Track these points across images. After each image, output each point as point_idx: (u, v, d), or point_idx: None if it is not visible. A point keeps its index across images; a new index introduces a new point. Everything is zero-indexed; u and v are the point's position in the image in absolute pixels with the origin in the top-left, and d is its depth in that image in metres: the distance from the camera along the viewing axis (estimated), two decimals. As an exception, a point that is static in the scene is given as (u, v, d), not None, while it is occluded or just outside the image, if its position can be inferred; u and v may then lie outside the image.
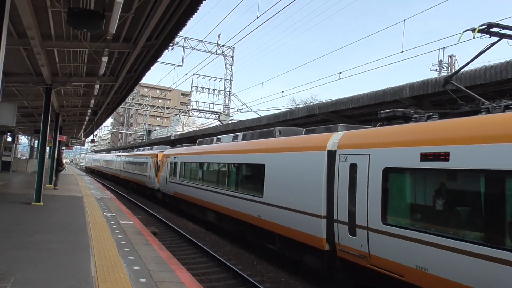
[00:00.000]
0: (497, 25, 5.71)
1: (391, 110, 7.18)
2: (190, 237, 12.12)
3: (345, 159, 7.19)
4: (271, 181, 9.53)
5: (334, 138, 7.82)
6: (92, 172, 59.33)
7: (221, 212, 12.52)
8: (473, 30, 5.78)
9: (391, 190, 6.32)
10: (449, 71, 25.92)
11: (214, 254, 10.05)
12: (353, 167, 6.95)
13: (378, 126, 7.33)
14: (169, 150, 21.39)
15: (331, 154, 7.61)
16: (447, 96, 9.56)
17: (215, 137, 15.28)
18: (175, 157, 18.51)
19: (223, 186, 12.63)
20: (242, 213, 10.85)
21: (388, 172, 6.25)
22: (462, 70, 8.17)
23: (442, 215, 5.59)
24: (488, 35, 5.82)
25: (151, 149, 26.75)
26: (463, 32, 6.10)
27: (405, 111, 7.08)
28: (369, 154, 6.63)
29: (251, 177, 11.18)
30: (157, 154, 22.78)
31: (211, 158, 14.27)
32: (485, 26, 5.72)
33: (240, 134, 13.09)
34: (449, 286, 5.08)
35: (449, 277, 5.10)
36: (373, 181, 6.45)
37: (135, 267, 6.08)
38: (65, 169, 24.52)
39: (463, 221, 5.38)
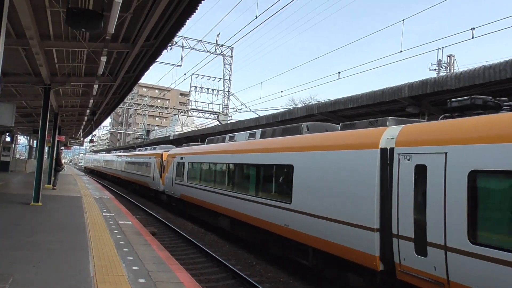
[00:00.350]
0: None
1: (468, 97, 5.94)
2: (189, 237, 12.11)
3: (408, 159, 5.92)
4: (302, 185, 8.28)
5: (389, 134, 6.51)
6: (92, 172, 58.28)
7: (236, 218, 11.32)
8: None
9: (482, 200, 4.99)
10: (447, 71, 25.96)
11: (213, 254, 10.04)
12: (421, 169, 5.68)
13: (444, 119, 6.19)
14: (175, 150, 20.34)
15: (385, 153, 6.35)
16: (446, 96, 9.58)
17: (227, 135, 14.21)
18: (182, 157, 17.55)
19: (240, 189, 11.36)
20: (264, 220, 9.58)
21: (476, 176, 4.95)
22: (461, 70, 8.15)
23: None
24: None
25: (154, 148, 25.83)
26: None
27: (486, 98, 5.86)
28: (446, 153, 5.33)
29: (275, 179, 9.94)
30: (161, 154, 21.80)
31: (224, 158, 13.01)
32: None
33: (258, 132, 11.92)
34: None
35: None
36: (453, 187, 5.16)
37: (134, 268, 6.07)
38: (64, 169, 24.50)
39: None
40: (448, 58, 26.98)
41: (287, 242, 8.80)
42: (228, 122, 30.47)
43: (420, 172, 5.64)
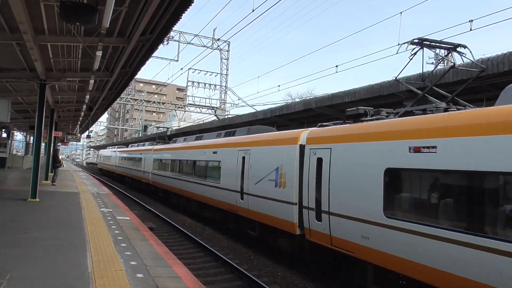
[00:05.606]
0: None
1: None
2: (187, 232, 12.12)
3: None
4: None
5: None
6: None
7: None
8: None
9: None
10: (445, 64, 25.91)
11: (211, 249, 10.06)
12: (320, 160, 7.75)
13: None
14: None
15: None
16: (444, 89, 9.57)
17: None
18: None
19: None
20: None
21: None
22: (459, 63, 8.15)
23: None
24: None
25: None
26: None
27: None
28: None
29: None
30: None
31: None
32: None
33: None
34: None
35: None
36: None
37: (132, 263, 6.06)
38: (63, 166, 24.43)
39: None
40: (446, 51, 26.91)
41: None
42: (226, 117, 30.40)
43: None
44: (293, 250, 8.87)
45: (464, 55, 6.97)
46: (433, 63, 26.82)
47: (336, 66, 22.57)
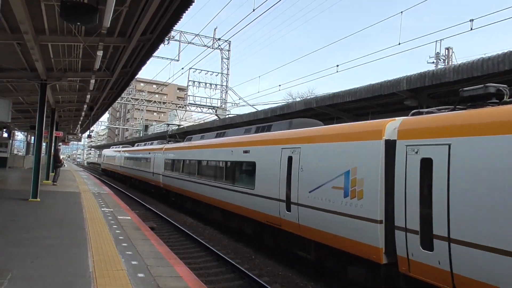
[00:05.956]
0: None
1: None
2: (188, 232, 12.13)
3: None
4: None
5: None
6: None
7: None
8: None
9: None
10: (446, 63, 25.93)
11: (212, 248, 10.06)
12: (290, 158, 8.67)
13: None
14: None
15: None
16: (444, 88, 9.56)
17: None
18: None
19: None
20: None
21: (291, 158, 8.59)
22: (460, 63, 8.12)
23: None
24: None
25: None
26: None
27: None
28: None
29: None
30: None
31: None
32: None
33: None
34: None
35: None
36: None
37: (133, 262, 6.07)
38: (64, 165, 24.43)
39: None
40: (446, 50, 26.94)
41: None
42: (226, 116, 30.40)
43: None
44: (375, 284, 6.54)
45: None
46: (433, 62, 26.84)
47: (337, 65, 22.58)
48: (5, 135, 32.98)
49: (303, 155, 8.22)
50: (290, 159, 8.66)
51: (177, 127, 31.61)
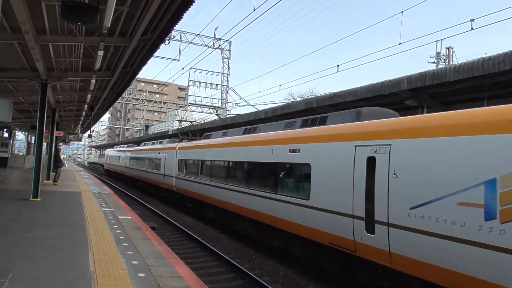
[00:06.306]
0: None
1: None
2: (189, 232, 12.13)
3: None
4: None
5: None
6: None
7: None
8: None
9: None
10: (446, 63, 25.91)
11: (213, 248, 10.06)
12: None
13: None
14: None
15: None
16: (444, 88, 9.56)
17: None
18: None
19: None
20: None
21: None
22: (460, 63, 8.12)
23: None
24: None
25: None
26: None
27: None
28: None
29: None
30: None
31: None
32: None
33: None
34: None
35: None
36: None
37: (134, 262, 6.06)
38: (65, 165, 24.42)
39: None
40: (447, 50, 26.92)
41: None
42: (227, 116, 30.40)
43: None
44: None
45: None
46: (434, 62, 26.82)
47: (338, 65, 22.53)
48: (6, 135, 33.01)
49: (396, 156, 5.99)
50: (371, 160, 6.45)
51: (189, 123, 28.72)
